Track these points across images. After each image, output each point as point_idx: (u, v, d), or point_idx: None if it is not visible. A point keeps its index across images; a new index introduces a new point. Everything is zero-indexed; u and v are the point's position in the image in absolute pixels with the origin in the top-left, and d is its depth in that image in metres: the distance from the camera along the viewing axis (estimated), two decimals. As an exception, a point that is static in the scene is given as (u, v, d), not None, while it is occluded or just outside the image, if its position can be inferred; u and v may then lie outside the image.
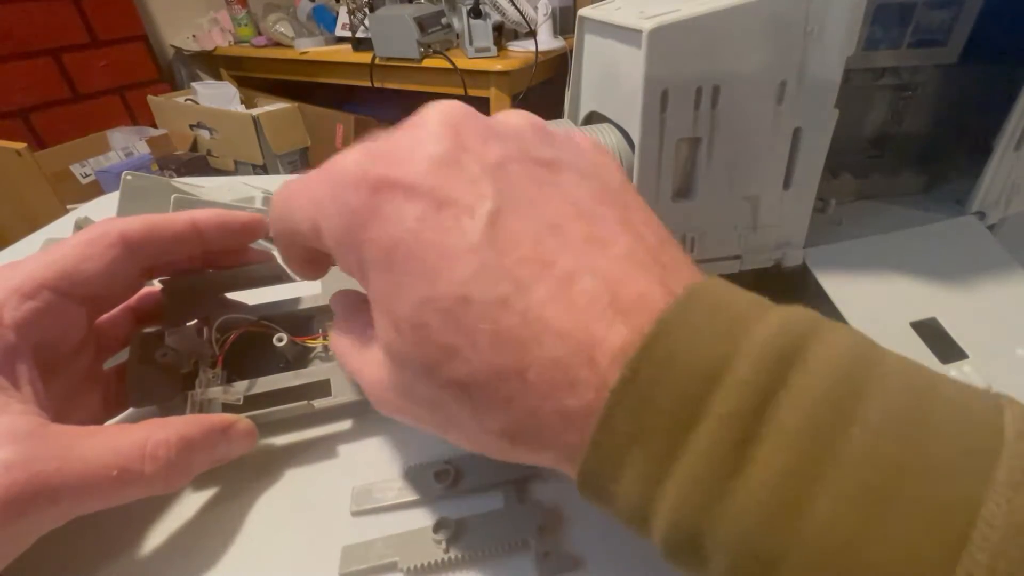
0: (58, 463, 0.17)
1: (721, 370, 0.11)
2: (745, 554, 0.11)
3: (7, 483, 0.16)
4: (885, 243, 0.30)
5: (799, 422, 0.11)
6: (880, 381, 0.11)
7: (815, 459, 0.10)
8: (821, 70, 0.24)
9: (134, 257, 0.22)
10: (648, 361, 0.12)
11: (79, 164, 1.65)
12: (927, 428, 0.10)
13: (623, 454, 0.12)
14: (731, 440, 0.11)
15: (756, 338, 0.12)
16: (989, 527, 0.09)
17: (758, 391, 0.11)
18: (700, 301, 0.13)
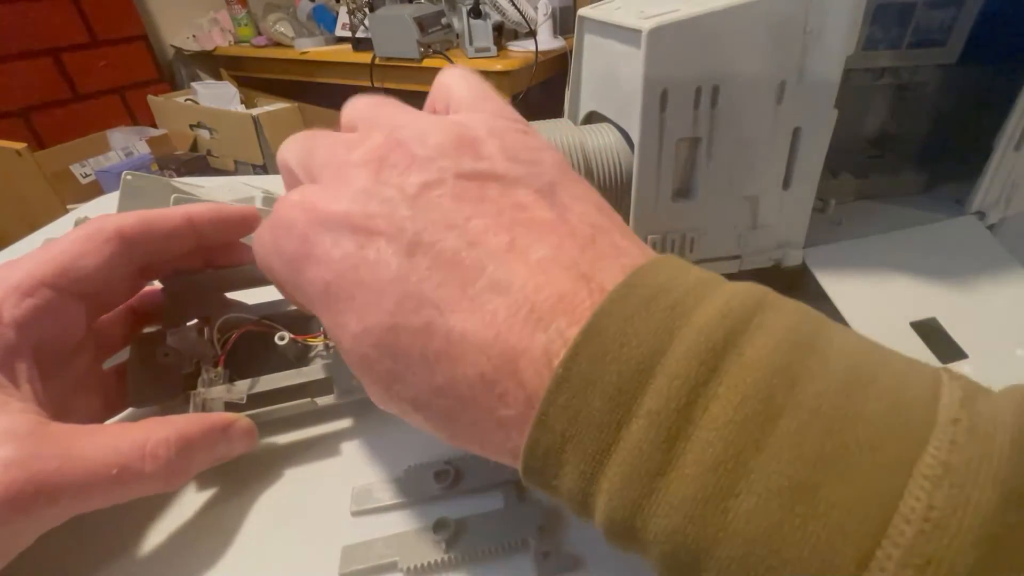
0: (58, 462, 0.17)
1: (653, 365, 0.11)
2: (674, 548, 0.11)
3: (7, 481, 0.16)
4: (885, 243, 0.30)
5: (728, 415, 0.11)
6: (816, 369, 0.11)
7: (742, 452, 0.10)
8: (821, 70, 0.24)
9: (131, 252, 0.22)
10: (580, 360, 0.12)
11: (79, 164, 1.66)
12: (856, 418, 0.10)
13: (560, 452, 0.12)
14: (660, 437, 0.11)
15: (692, 328, 0.12)
16: (905, 523, 0.09)
17: (688, 385, 0.11)
18: (637, 290, 0.12)
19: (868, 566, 0.09)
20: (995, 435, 0.10)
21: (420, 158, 0.16)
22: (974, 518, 0.09)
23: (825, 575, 0.09)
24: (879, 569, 0.09)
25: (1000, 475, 0.09)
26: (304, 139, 0.19)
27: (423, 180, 0.15)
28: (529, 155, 0.16)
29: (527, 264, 0.13)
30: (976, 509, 0.09)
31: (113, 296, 0.24)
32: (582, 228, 0.15)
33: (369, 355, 0.15)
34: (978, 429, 0.10)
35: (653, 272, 0.13)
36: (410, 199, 0.15)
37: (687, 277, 0.13)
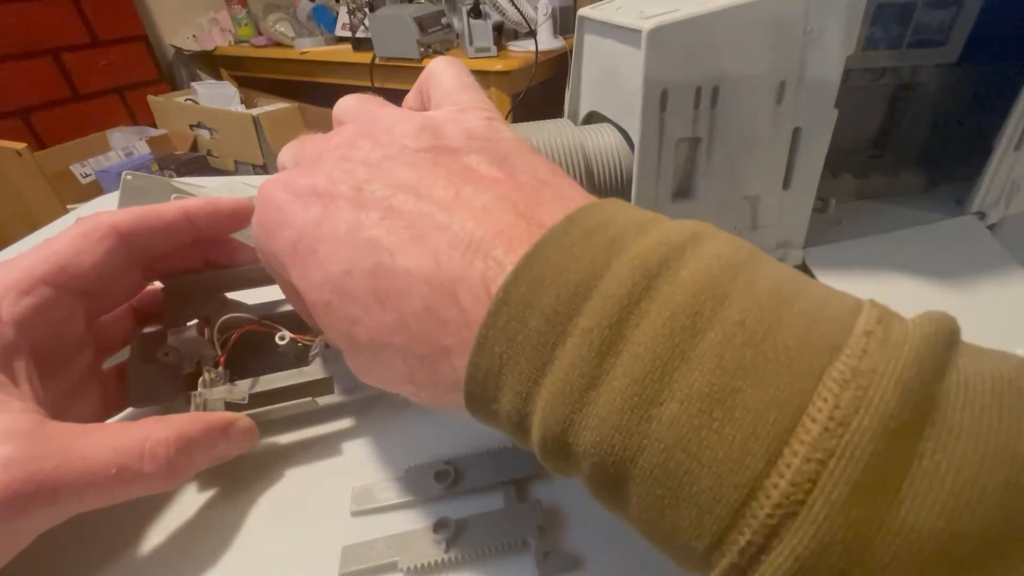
0: (57, 461, 0.17)
1: (590, 287, 0.12)
2: (602, 458, 0.11)
3: (6, 481, 0.16)
4: (885, 243, 0.30)
5: (657, 330, 0.11)
6: (745, 288, 0.11)
7: (667, 364, 0.11)
8: (821, 70, 0.24)
9: (128, 248, 0.22)
10: (519, 284, 0.13)
11: (79, 164, 1.66)
12: (777, 331, 0.11)
13: (498, 374, 0.13)
14: (592, 352, 0.11)
15: (628, 254, 0.12)
16: (812, 422, 0.10)
17: (620, 303, 0.11)
18: (578, 224, 0.13)
19: (776, 463, 0.10)
20: (903, 345, 0.10)
21: (384, 141, 0.18)
22: (874, 416, 0.09)
23: (737, 474, 0.10)
24: (785, 466, 0.10)
25: (902, 378, 0.10)
26: (299, 141, 0.21)
27: (383, 154, 0.17)
28: (488, 134, 0.18)
29: (470, 208, 0.15)
30: (876, 408, 0.09)
31: (113, 294, 0.23)
32: (529, 182, 0.16)
33: (331, 302, 0.16)
34: (889, 341, 0.10)
35: (595, 210, 0.14)
36: (370, 167, 0.17)
37: (629, 215, 0.14)
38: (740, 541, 0.10)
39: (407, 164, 0.16)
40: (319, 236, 0.16)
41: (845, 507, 0.09)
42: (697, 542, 0.11)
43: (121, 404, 0.24)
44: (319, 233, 0.16)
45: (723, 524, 0.10)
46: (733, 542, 0.10)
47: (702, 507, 0.10)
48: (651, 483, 0.11)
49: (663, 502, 0.11)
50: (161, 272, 0.25)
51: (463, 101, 0.20)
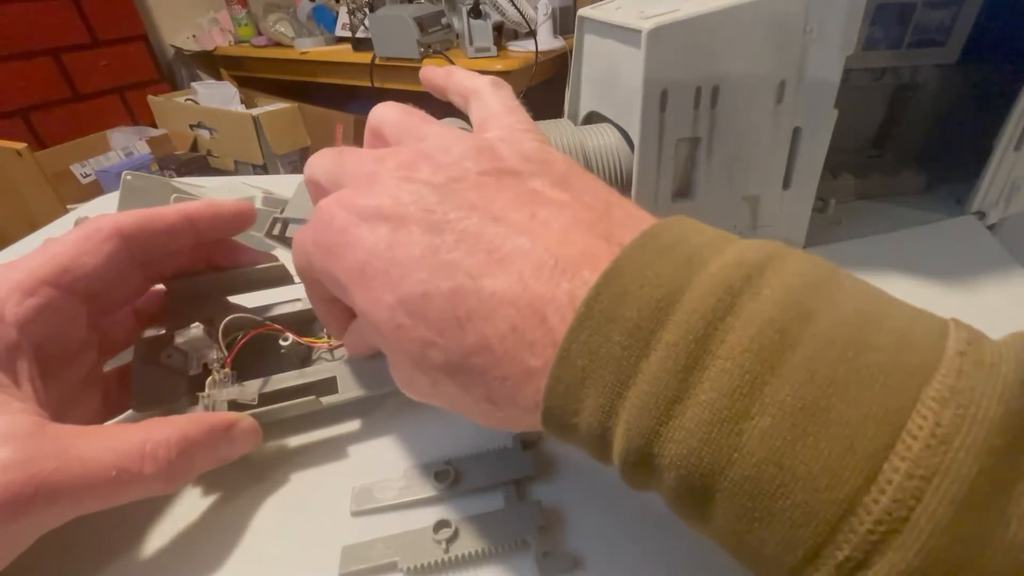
0: (57, 463, 0.17)
1: (672, 302, 0.12)
2: (689, 470, 0.11)
3: (5, 482, 0.16)
4: (885, 243, 0.30)
5: (744, 344, 0.11)
6: (829, 306, 0.12)
7: (757, 378, 0.11)
8: (821, 70, 0.24)
9: (130, 250, 0.22)
10: (601, 299, 0.13)
11: (79, 164, 1.65)
12: (867, 348, 0.11)
13: (580, 387, 0.13)
14: (678, 366, 0.12)
15: (709, 271, 0.12)
16: (912, 438, 0.10)
17: (705, 319, 0.12)
18: (656, 241, 0.13)
19: (876, 479, 0.10)
20: (999, 366, 0.10)
21: (444, 163, 0.17)
22: (978, 433, 0.09)
23: (834, 490, 0.10)
24: (886, 482, 0.10)
25: (1004, 396, 0.10)
26: (333, 154, 0.20)
27: (448, 176, 0.17)
28: (541, 156, 0.18)
29: (549, 230, 0.15)
30: (980, 425, 0.09)
31: (115, 296, 0.24)
32: (596, 204, 0.16)
33: (404, 324, 0.16)
34: (983, 361, 0.10)
35: (670, 227, 0.14)
36: (437, 189, 0.17)
37: (703, 233, 0.14)
38: (837, 556, 0.10)
39: (474, 187, 0.17)
40: (391, 258, 0.16)
41: (951, 525, 0.09)
42: (788, 556, 0.11)
43: (123, 406, 0.24)
44: (391, 255, 0.16)
45: (819, 539, 0.10)
46: (829, 557, 0.10)
47: (795, 521, 0.10)
48: (740, 496, 0.11)
49: (752, 515, 0.11)
50: (163, 274, 0.25)
51: (510, 123, 0.20)
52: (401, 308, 0.16)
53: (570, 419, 0.14)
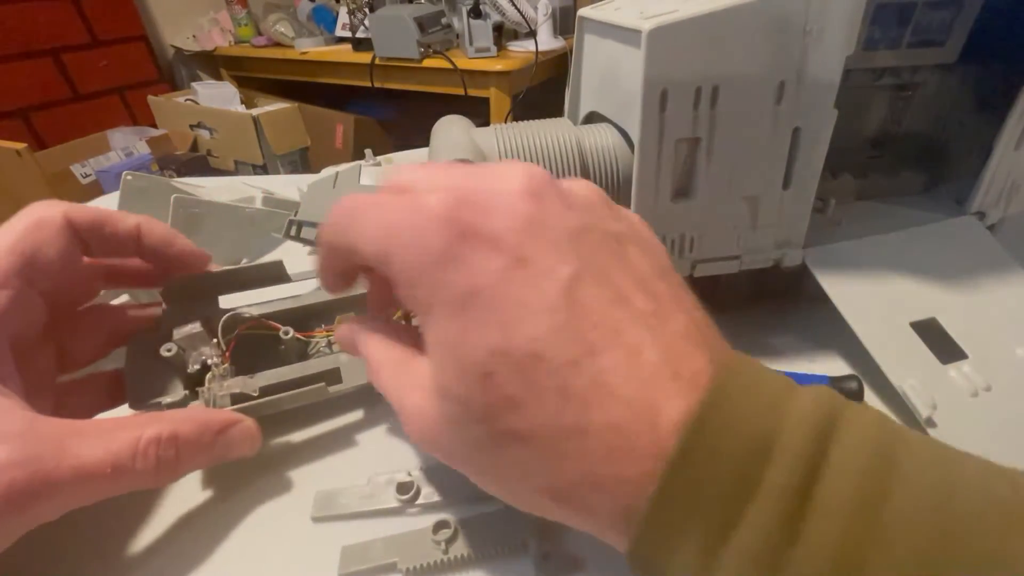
0: (54, 461, 0.17)
1: (771, 443, 0.12)
2: None
3: (6, 482, 0.16)
4: (885, 243, 0.30)
5: (845, 494, 0.11)
6: (908, 454, 0.12)
7: (866, 526, 0.11)
8: (821, 70, 0.24)
9: (83, 244, 0.22)
10: (704, 432, 0.12)
11: (79, 164, 1.65)
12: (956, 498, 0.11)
13: (680, 524, 0.12)
14: (786, 512, 0.12)
15: (796, 413, 0.12)
16: None
17: (807, 464, 0.12)
18: (742, 377, 0.13)
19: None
20: None
21: (574, 203, 0.16)
22: None
23: None
24: None
25: None
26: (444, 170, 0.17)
27: (580, 223, 0.15)
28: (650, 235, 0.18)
29: (668, 333, 0.14)
30: None
31: (71, 292, 0.23)
32: (697, 315, 0.15)
33: (499, 373, 0.14)
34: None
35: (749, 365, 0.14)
36: (570, 237, 0.15)
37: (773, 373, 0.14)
38: None
39: (604, 248, 0.15)
40: (510, 296, 0.14)
41: None
42: None
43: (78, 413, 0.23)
44: (511, 293, 0.14)
45: None
46: None
47: None
48: None
49: None
50: (120, 283, 0.25)
51: None
52: (503, 357, 0.14)
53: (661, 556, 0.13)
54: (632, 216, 0.18)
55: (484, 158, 0.28)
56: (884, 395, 0.27)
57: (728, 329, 0.15)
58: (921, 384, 0.24)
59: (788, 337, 0.31)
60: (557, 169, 0.28)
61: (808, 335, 0.31)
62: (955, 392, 0.25)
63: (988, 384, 0.25)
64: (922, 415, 0.24)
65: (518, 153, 0.28)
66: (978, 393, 0.25)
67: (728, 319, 0.32)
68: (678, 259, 0.28)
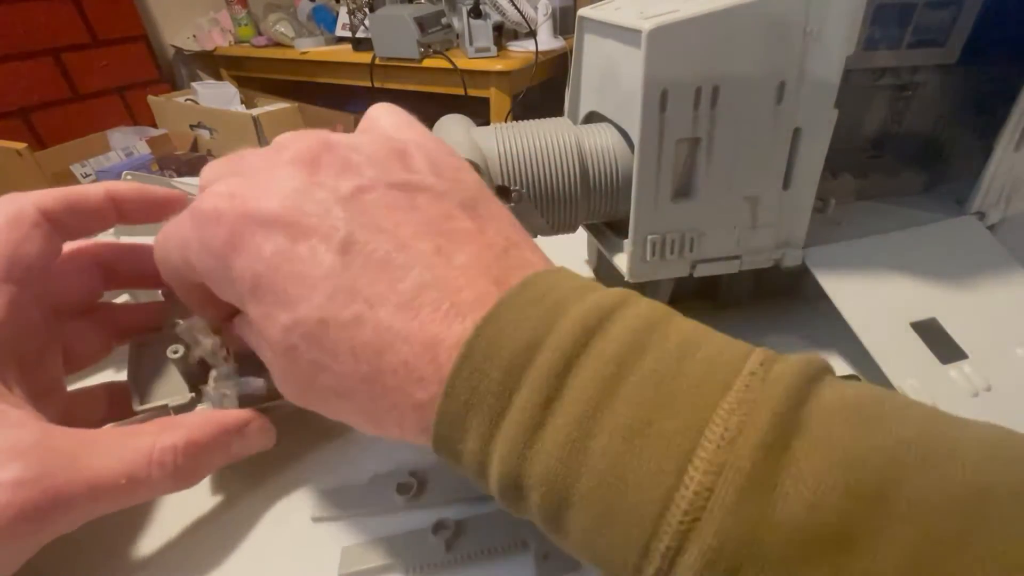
0: (67, 475, 0.17)
1: (539, 343, 0.14)
2: (548, 487, 0.13)
3: (20, 501, 0.16)
4: (885, 243, 0.30)
5: (590, 377, 0.13)
6: (659, 341, 0.14)
7: (598, 405, 0.13)
8: (821, 70, 0.24)
9: (63, 230, 0.21)
10: (480, 340, 0.14)
11: (79, 164, 1.65)
12: (683, 374, 0.13)
13: (463, 419, 0.14)
14: (542, 399, 0.13)
15: (569, 317, 0.14)
16: (708, 442, 0.12)
17: (563, 357, 0.13)
18: (530, 289, 0.15)
19: (683, 478, 0.12)
20: (777, 381, 0.12)
21: (353, 163, 0.17)
22: (751, 435, 0.12)
23: (653, 490, 0.12)
24: (689, 479, 0.12)
25: (774, 406, 0.12)
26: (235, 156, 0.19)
27: (356, 184, 0.16)
28: (453, 173, 0.18)
29: (450, 267, 0.15)
30: (755, 429, 0.12)
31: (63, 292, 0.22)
32: (498, 240, 0.17)
33: (297, 346, 0.16)
34: (768, 378, 0.13)
35: (544, 277, 0.15)
36: (343, 201, 0.16)
37: (570, 282, 0.15)
38: (660, 547, 0.12)
39: (384, 205, 0.16)
40: (289, 274, 0.15)
41: (735, 508, 0.11)
42: (630, 555, 0.12)
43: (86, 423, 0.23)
44: (289, 271, 0.15)
45: (647, 535, 0.12)
46: (655, 550, 0.12)
47: (630, 522, 0.12)
48: (589, 505, 0.13)
49: (600, 523, 0.13)
50: (121, 283, 0.25)
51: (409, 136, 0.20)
52: (296, 330, 0.15)
53: (456, 445, 0.15)
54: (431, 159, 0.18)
55: (484, 158, 0.28)
56: (884, 395, 0.27)
57: (728, 329, 0.15)
58: (921, 384, 0.24)
59: (788, 337, 0.31)
60: (557, 169, 0.28)
61: (808, 335, 0.31)
62: (955, 392, 0.25)
63: (988, 384, 0.25)
64: (922, 415, 0.24)
65: (518, 152, 0.28)
66: (978, 393, 0.25)
67: (728, 319, 0.32)
68: (678, 259, 0.28)
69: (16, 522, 0.16)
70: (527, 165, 0.28)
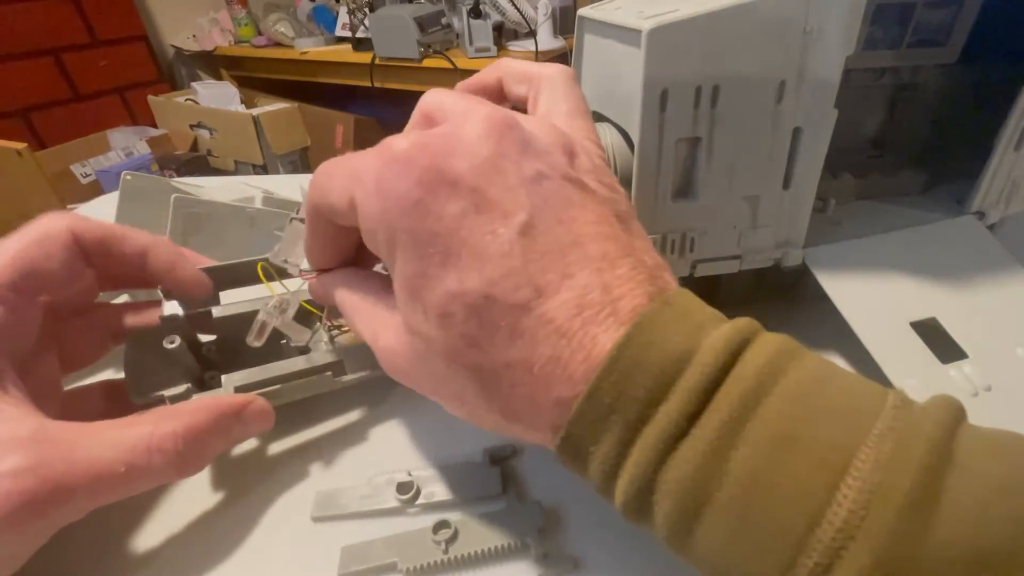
0: (65, 464, 0.17)
1: (687, 358, 0.14)
2: (683, 494, 0.13)
3: (19, 490, 0.16)
4: (885, 243, 0.30)
5: (736, 393, 0.13)
6: (795, 368, 0.14)
7: (740, 420, 0.13)
8: (821, 70, 0.24)
9: (88, 261, 0.22)
10: (630, 346, 0.14)
11: (79, 164, 1.65)
12: (824, 397, 0.13)
13: (603, 421, 0.14)
14: (688, 411, 0.13)
15: (714, 337, 0.14)
16: (862, 463, 0.12)
17: (711, 373, 0.14)
18: (674, 307, 0.15)
19: (835, 495, 0.12)
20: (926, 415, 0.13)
21: (533, 147, 0.17)
22: (907, 459, 0.12)
23: (804, 504, 0.12)
24: (843, 497, 0.12)
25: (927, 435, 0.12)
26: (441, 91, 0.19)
27: (537, 169, 0.16)
28: (611, 182, 0.19)
29: (613, 275, 0.15)
30: (909, 454, 0.12)
31: (71, 301, 0.23)
32: (646, 259, 0.17)
33: (455, 315, 0.15)
34: (913, 411, 0.13)
35: (685, 297, 0.16)
36: (527, 183, 0.16)
37: (706, 309, 0.16)
38: (808, 563, 0.12)
39: (560, 196, 0.16)
40: (466, 242, 0.15)
41: (893, 528, 0.11)
42: (770, 569, 0.12)
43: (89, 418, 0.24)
44: (467, 238, 0.15)
45: (793, 550, 0.12)
46: (803, 565, 0.12)
47: (774, 535, 0.12)
48: (726, 516, 0.13)
49: (737, 534, 0.13)
50: (116, 285, 0.25)
51: (581, 127, 0.20)
52: (459, 299, 0.15)
53: (588, 447, 0.15)
54: (593, 162, 0.18)
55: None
56: (884, 395, 0.27)
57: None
58: (921, 384, 0.24)
59: (788, 337, 0.31)
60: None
61: (808, 335, 0.31)
62: (955, 392, 0.25)
63: (988, 384, 0.25)
64: (922, 415, 0.24)
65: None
66: (978, 393, 0.25)
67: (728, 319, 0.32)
68: (678, 259, 0.28)
69: (17, 511, 0.16)
70: (527, 165, 0.28)
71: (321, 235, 0.20)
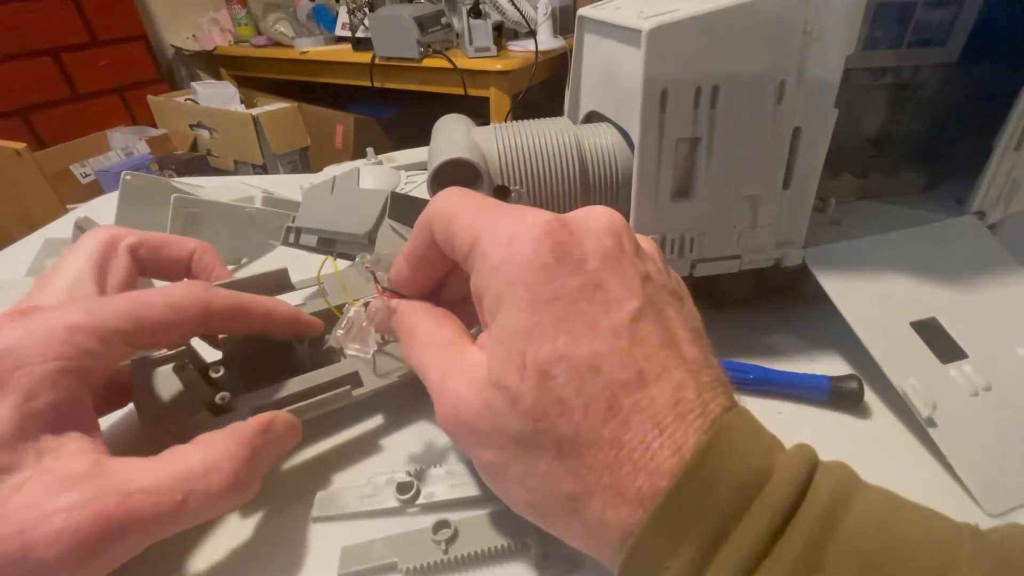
0: (120, 498, 0.17)
1: (767, 473, 0.14)
2: None
3: (72, 528, 0.16)
4: (885, 243, 0.30)
5: (815, 514, 0.14)
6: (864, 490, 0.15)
7: (821, 544, 0.13)
8: (821, 70, 0.24)
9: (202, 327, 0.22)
10: (712, 452, 0.14)
11: (79, 164, 1.65)
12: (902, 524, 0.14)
13: (681, 529, 0.14)
14: (769, 531, 0.13)
15: (788, 455, 0.15)
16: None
17: (793, 492, 0.14)
18: (749, 422, 0.16)
19: None
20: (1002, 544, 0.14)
21: (643, 252, 0.18)
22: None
23: None
24: None
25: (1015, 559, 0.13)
26: None
27: (646, 270, 0.17)
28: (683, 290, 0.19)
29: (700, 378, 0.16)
30: None
31: None
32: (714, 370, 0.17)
33: (557, 376, 0.15)
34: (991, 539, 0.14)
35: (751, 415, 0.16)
36: (640, 278, 0.17)
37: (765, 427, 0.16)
38: None
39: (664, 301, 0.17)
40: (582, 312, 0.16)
41: None
42: None
43: None
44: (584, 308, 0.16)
45: None
46: None
47: None
48: None
49: None
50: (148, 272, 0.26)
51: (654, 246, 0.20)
52: (565, 361, 0.15)
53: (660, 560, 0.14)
54: (677, 278, 0.20)
55: (484, 157, 0.28)
56: (884, 395, 0.27)
57: (728, 329, 0.15)
58: (921, 384, 0.24)
59: (788, 337, 0.31)
60: (557, 168, 0.28)
61: (808, 335, 0.31)
62: (955, 392, 0.25)
63: (988, 384, 0.25)
64: (922, 415, 0.24)
65: (518, 152, 0.28)
66: (978, 393, 0.25)
67: (728, 319, 0.32)
68: (678, 259, 0.28)
69: (72, 549, 0.15)
70: (527, 164, 0.28)
71: (420, 248, 0.20)
